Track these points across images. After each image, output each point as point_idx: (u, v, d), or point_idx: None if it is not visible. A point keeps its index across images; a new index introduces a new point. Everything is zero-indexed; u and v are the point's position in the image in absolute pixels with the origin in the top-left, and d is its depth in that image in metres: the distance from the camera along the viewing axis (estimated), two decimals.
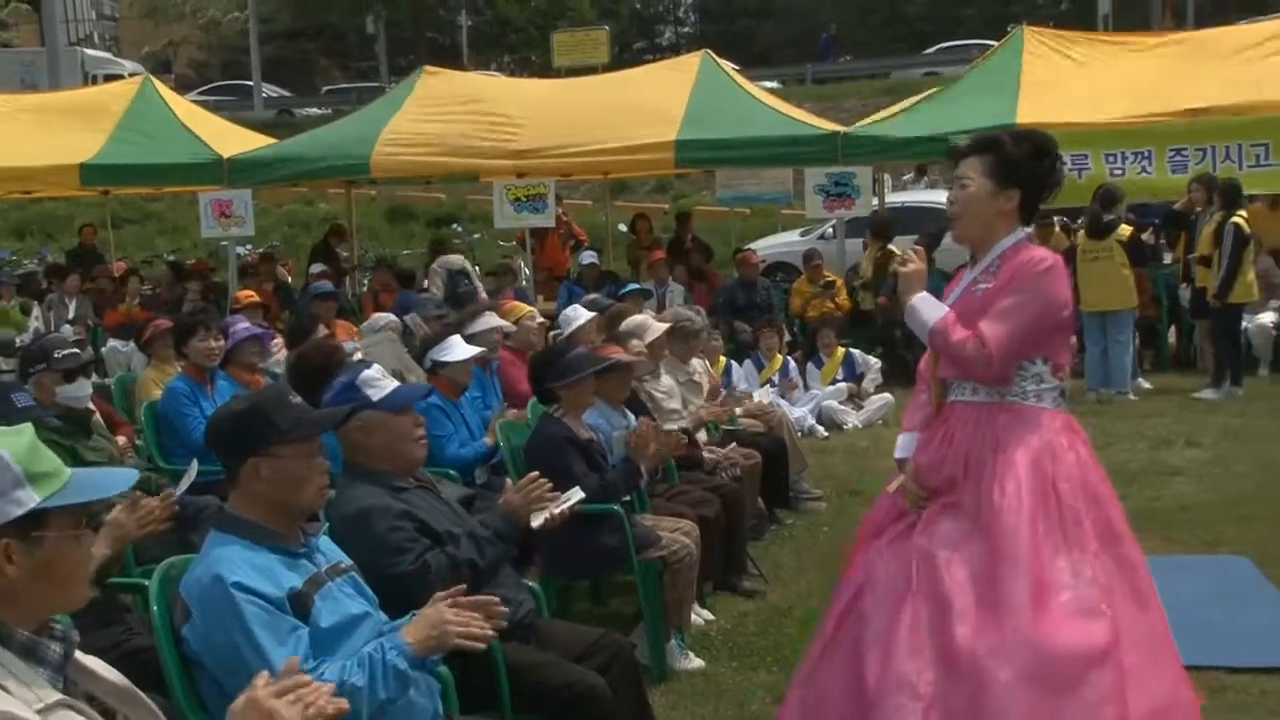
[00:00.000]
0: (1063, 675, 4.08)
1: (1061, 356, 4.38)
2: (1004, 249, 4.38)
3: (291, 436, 3.84)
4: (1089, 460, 4.34)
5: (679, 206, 24.42)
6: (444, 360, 7.63)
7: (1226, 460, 10.21)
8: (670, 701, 5.75)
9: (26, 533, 2.71)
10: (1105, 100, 15.09)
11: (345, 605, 3.87)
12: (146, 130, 18.54)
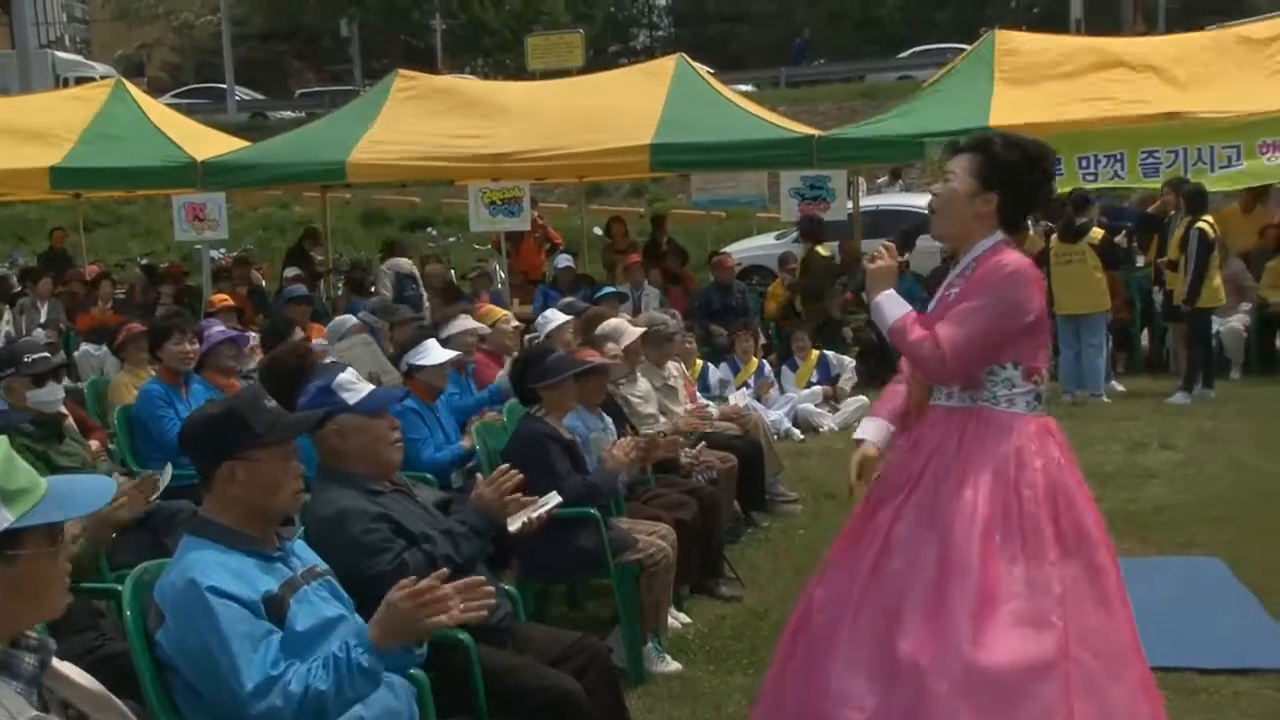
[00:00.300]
0: (1002, 688, 4.05)
1: (1036, 360, 4.34)
2: (979, 252, 4.37)
3: (267, 440, 3.83)
4: (1063, 464, 4.30)
5: (654, 210, 24.45)
6: (420, 364, 7.63)
7: (1199, 462, 10.22)
8: (647, 705, 5.75)
9: (1, 551, 2.67)
10: (1077, 103, 15.15)
11: (321, 609, 3.86)
12: (118, 133, 18.47)
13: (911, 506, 4.33)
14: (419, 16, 49.67)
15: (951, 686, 4.06)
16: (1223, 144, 14.39)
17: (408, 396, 7.05)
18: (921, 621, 4.18)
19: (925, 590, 4.20)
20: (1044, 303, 4.39)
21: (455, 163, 17.17)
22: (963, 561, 4.16)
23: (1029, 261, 4.39)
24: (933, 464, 4.34)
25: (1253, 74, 15.61)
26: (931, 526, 4.25)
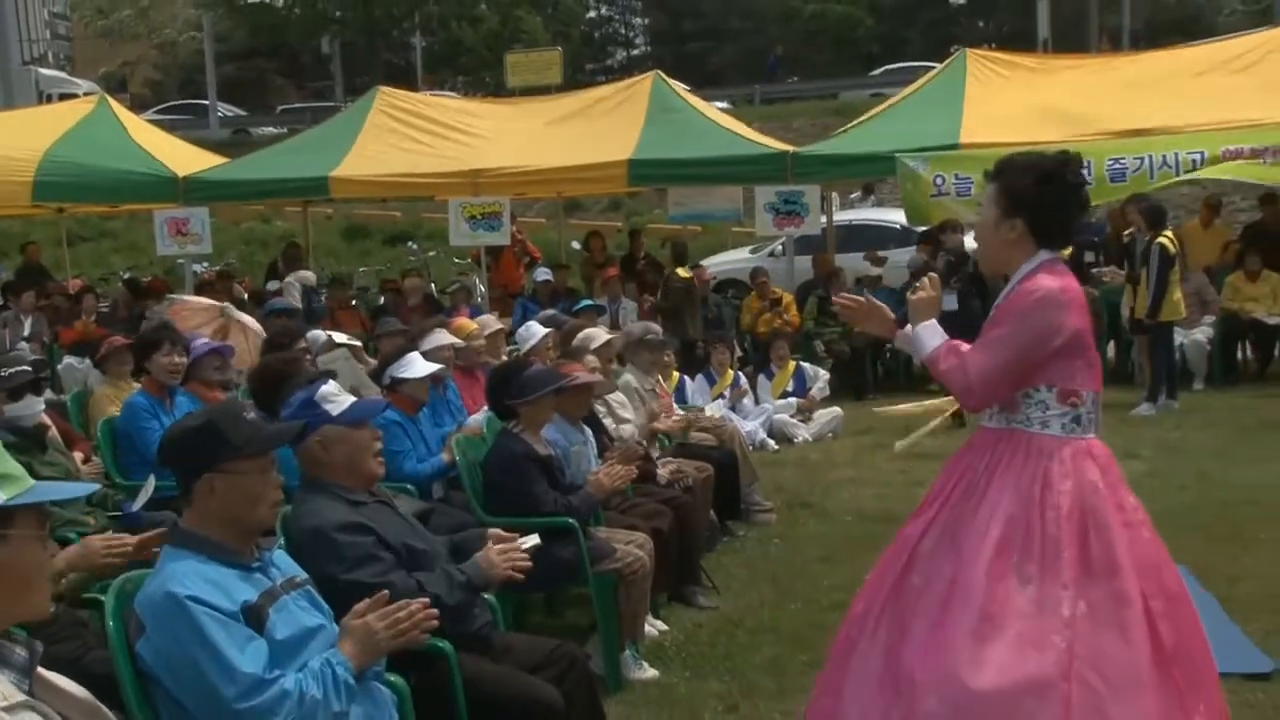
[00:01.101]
0: (992, 708, 4.02)
1: (1072, 382, 4.26)
2: (1019, 277, 4.34)
3: (246, 452, 3.82)
4: (1100, 487, 4.23)
5: (632, 224, 24.49)
6: (403, 377, 7.62)
7: (1164, 473, 10.19)
8: (625, 711, 5.75)
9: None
10: (1046, 120, 15.18)
11: (300, 618, 3.86)
12: (100, 148, 18.42)
13: (938, 524, 4.35)
14: (399, 35, 49.77)
15: (940, 703, 4.07)
16: (1186, 151, 14.37)
17: (389, 408, 7.08)
18: (925, 637, 4.19)
19: (935, 606, 4.22)
20: (1082, 323, 4.30)
21: (436, 178, 17.15)
22: (969, 580, 4.15)
23: (1062, 285, 4.27)
24: (963, 482, 4.35)
25: (1215, 91, 15.64)
26: (952, 544, 4.27)
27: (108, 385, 9.59)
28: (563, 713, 4.46)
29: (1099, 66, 18.91)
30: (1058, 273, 4.32)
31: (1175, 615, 4.22)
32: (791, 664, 6.52)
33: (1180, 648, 4.18)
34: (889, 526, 9.02)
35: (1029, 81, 16.78)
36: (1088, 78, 17.15)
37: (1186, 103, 15.37)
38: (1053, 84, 16.72)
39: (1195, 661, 4.26)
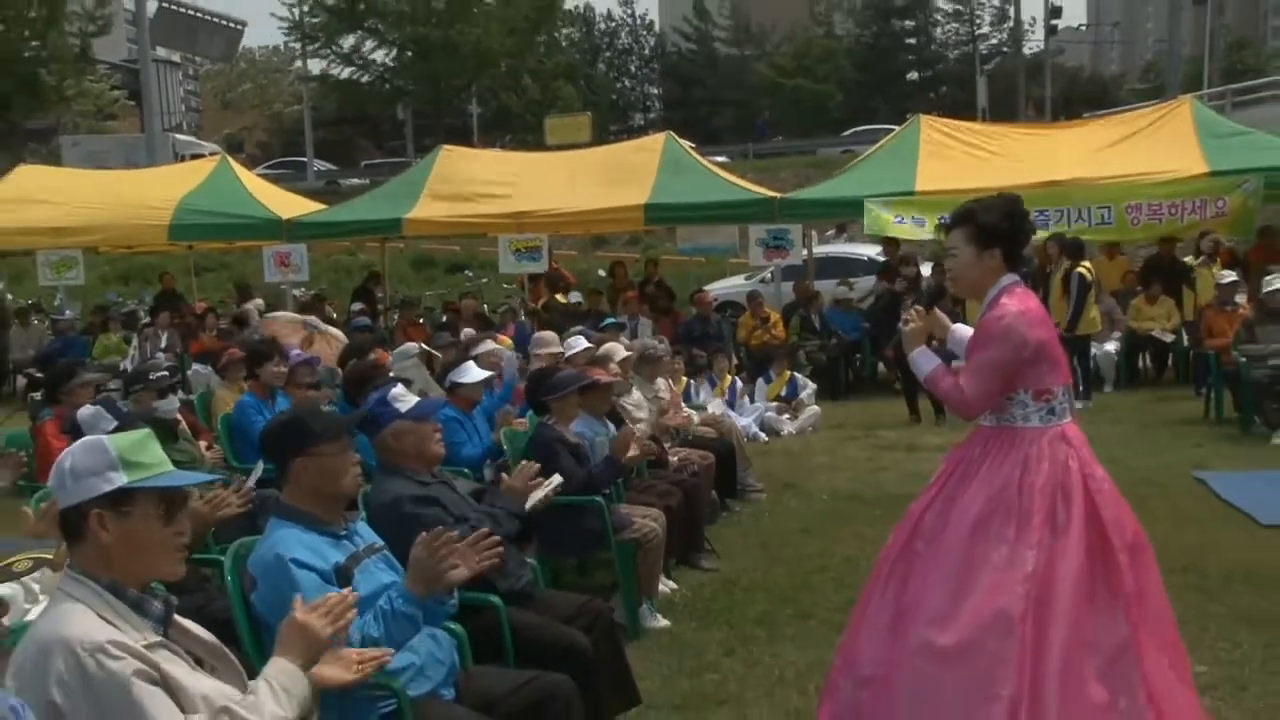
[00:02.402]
0: (961, 643, 4.06)
1: (1043, 383, 4.27)
2: (990, 299, 4.35)
3: (325, 438, 3.86)
4: (1070, 466, 4.24)
5: (648, 255, 24.42)
6: (460, 381, 7.63)
7: None
8: (642, 654, 5.72)
9: (117, 507, 2.79)
10: (984, 173, 15.11)
11: (378, 576, 3.87)
12: (221, 198, 18.54)
13: (937, 501, 4.36)
14: (458, 103, 49.83)
15: (919, 640, 4.13)
16: (1096, 205, 14.50)
17: (447, 406, 7.11)
18: (919, 591, 4.24)
19: (930, 567, 4.25)
20: (1043, 334, 4.30)
21: (488, 219, 17.12)
22: (950, 546, 4.21)
23: (1023, 307, 4.28)
24: (959, 469, 4.37)
25: (1119, 151, 15.64)
26: (946, 516, 4.29)
27: (225, 388, 9.67)
28: (591, 655, 4.44)
29: (1027, 131, 18.99)
30: (1019, 295, 4.34)
31: (1136, 564, 4.22)
32: (779, 615, 6.50)
33: (1138, 589, 4.20)
34: (857, 504, 9.11)
35: (970, 142, 16.70)
36: (1018, 140, 17.12)
37: (1097, 160, 15.36)
38: (990, 144, 16.65)
39: (1152, 597, 4.28)
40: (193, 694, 2.79)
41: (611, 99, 67.26)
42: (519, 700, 3.84)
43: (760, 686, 5.47)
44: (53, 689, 2.62)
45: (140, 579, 2.86)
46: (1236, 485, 9.03)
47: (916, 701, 4.12)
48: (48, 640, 2.68)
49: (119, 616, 2.76)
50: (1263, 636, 5.78)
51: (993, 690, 3.98)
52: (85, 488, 2.79)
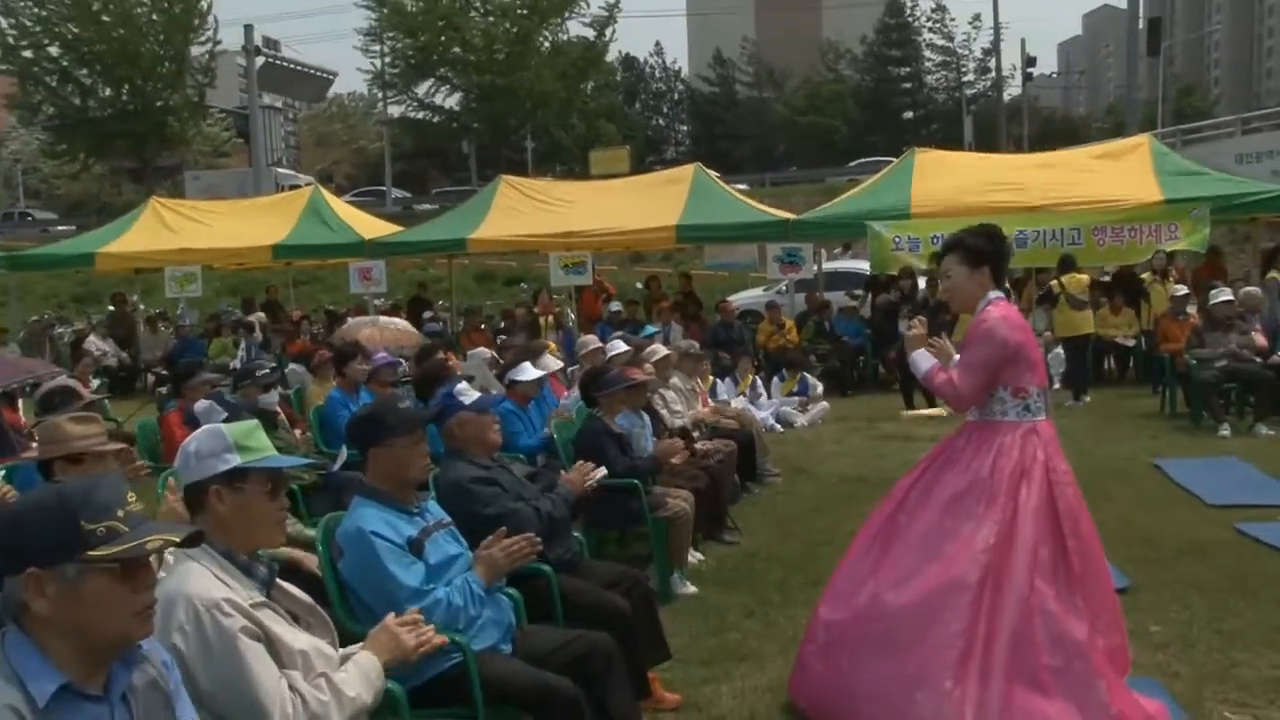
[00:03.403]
0: (927, 596, 4.13)
1: (1020, 381, 4.30)
2: (978, 311, 4.39)
3: (399, 431, 3.87)
4: (1038, 458, 4.26)
5: (679, 270, 24.36)
6: (518, 379, 7.63)
7: None
8: (673, 615, 5.70)
9: (232, 484, 2.88)
10: (970, 198, 15.03)
11: (446, 548, 3.90)
12: (316, 221, 18.69)
13: (922, 481, 4.41)
14: (516, 139, 49.95)
15: (893, 593, 4.21)
16: (1068, 227, 14.42)
17: (506, 400, 7.13)
18: (897, 555, 4.30)
19: (909, 535, 4.30)
20: (1022, 338, 4.33)
21: (540, 238, 17.13)
22: (928, 517, 4.27)
23: (1004, 314, 4.34)
24: (944, 454, 4.42)
25: (1086, 179, 15.55)
26: (927, 494, 4.34)
27: (317, 384, 9.73)
28: (629, 616, 4.42)
29: (1006, 161, 18.97)
30: (1001, 305, 4.40)
31: (1083, 550, 4.22)
32: (792, 582, 6.47)
33: (1085, 571, 4.21)
34: (861, 486, 9.05)
35: (958, 171, 16.64)
36: (999, 169, 17.07)
37: (1067, 187, 15.25)
38: (974, 173, 16.59)
39: (1097, 580, 4.31)
40: (291, 649, 2.86)
41: (647, 135, 67.27)
42: (567, 655, 3.84)
43: (776, 644, 5.45)
44: (174, 635, 2.69)
45: (249, 546, 2.92)
46: (1188, 471, 9.00)
47: (881, 644, 4.17)
48: (173, 594, 2.73)
49: (231, 577, 2.83)
50: (1208, 600, 5.81)
51: (948, 643, 4.02)
52: (206, 467, 2.88)
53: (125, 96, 44.41)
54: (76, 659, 2.10)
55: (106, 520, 2.10)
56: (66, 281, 26.51)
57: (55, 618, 2.08)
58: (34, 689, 2.03)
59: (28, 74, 44.05)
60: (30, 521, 2.11)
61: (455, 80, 49.42)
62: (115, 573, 2.11)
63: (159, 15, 43.92)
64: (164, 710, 2.28)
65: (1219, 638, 5.25)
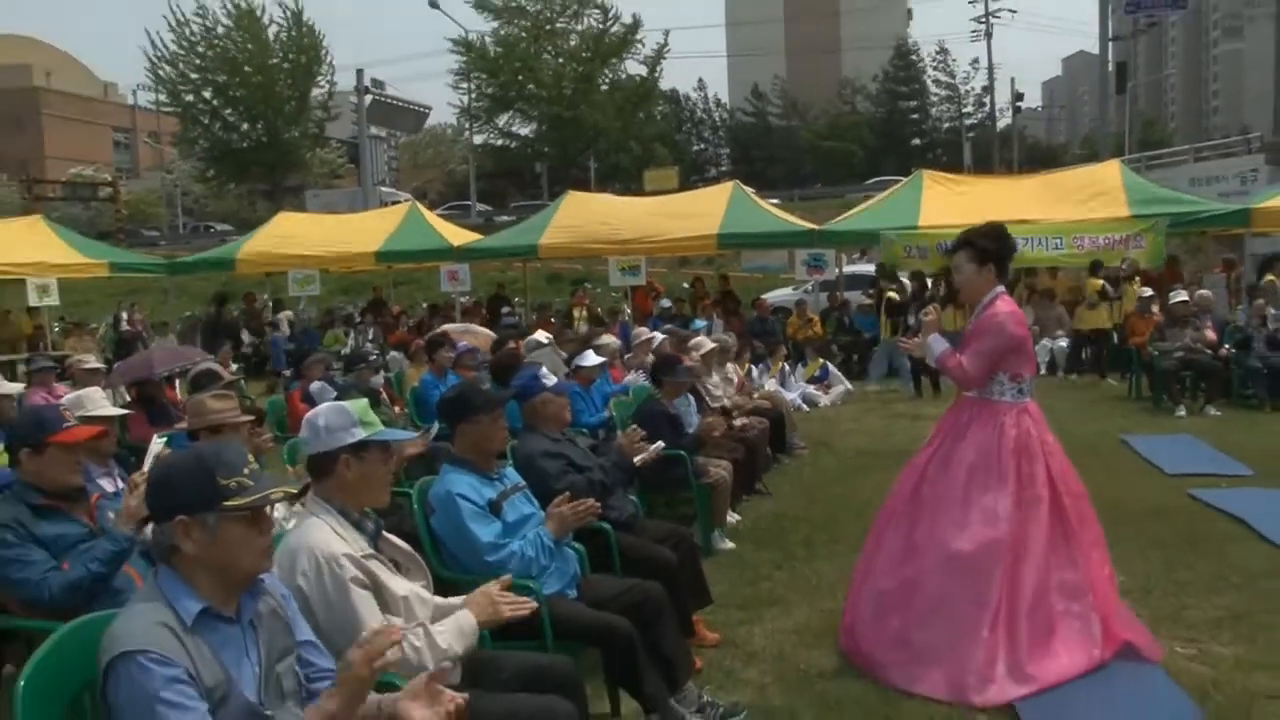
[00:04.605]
0: (965, 561, 4.09)
1: (1018, 368, 4.27)
2: (984, 303, 4.32)
3: (482, 410, 3.87)
4: (1032, 433, 4.23)
5: (720, 272, 24.19)
6: (582, 365, 7.61)
7: None
8: (714, 568, 5.66)
9: (358, 453, 2.92)
10: (969, 212, 14.80)
11: (521, 508, 3.91)
12: (412, 231, 18.79)
13: (938, 455, 4.35)
14: (581, 160, 49.94)
15: (935, 561, 4.15)
16: (1052, 235, 14.29)
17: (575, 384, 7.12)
18: (929, 524, 4.24)
19: (937, 504, 4.25)
20: (1021, 332, 4.27)
21: (601, 244, 17.06)
22: (949, 491, 4.21)
23: (1009, 310, 4.28)
24: (953, 430, 4.35)
25: (1067, 198, 15.35)
26: (945, 467, 4.28)
27: (413, 368, 9.77)
28: (677, 568, 4.40)
29: (1000, 181, 18.95)
30: (1007, 300, 4.33)
31: (1076, 507, 4.25)
32: (816, 540, 6.42)
33: (1081, 525, 4.23)
34: (875, 458, 8.96)
35: (959, 189, 16.47)
36: (994, 187, 17.01)
37: (1051, 204, 15.09)
38: (973, 191, 16.43)
39: (1091, 532, 4.31)
40: (395, 595, 2.89)
41: (693, 157, 66.98)
42: (624, 600, 3.82)
43: (802, 592, 5.42)
44: (298, 578, 2.75)
45: (362, 504, 2.95)
46: (1150, 446, 9.00)
47: (933, 604, 4.14)
48: (298, 544, 2.80)
49: (346, 531, 2.86)
50: (1165, 554, 5.83)
51: (985, 599, 4.04)
52: (335, 439, 2.91)
53: (260, 131, 45.99)
54: (215, 589, 2.23)
55: (236, 477, 2.23)
56: (213, 283, 26.94)
57: (200, 556, 2.21)
58: (181, 610, 2.17)
59: (188, 114, 45.94)
60: (177, 480, 2.24)
61: (529, 112, 49.71)
62: (246, 519, 2.23)
63: (289, 64, 45.37)
64: (284, 634, 2.38)
65: (1173, 585, 5.30)
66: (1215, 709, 3.82)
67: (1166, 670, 4.16)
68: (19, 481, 3.74)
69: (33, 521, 3.59)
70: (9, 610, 3.60)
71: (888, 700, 4.01)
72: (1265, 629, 4.62)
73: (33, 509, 3.63)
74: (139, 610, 2.16)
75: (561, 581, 3.82)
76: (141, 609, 2.17)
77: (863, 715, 3.93)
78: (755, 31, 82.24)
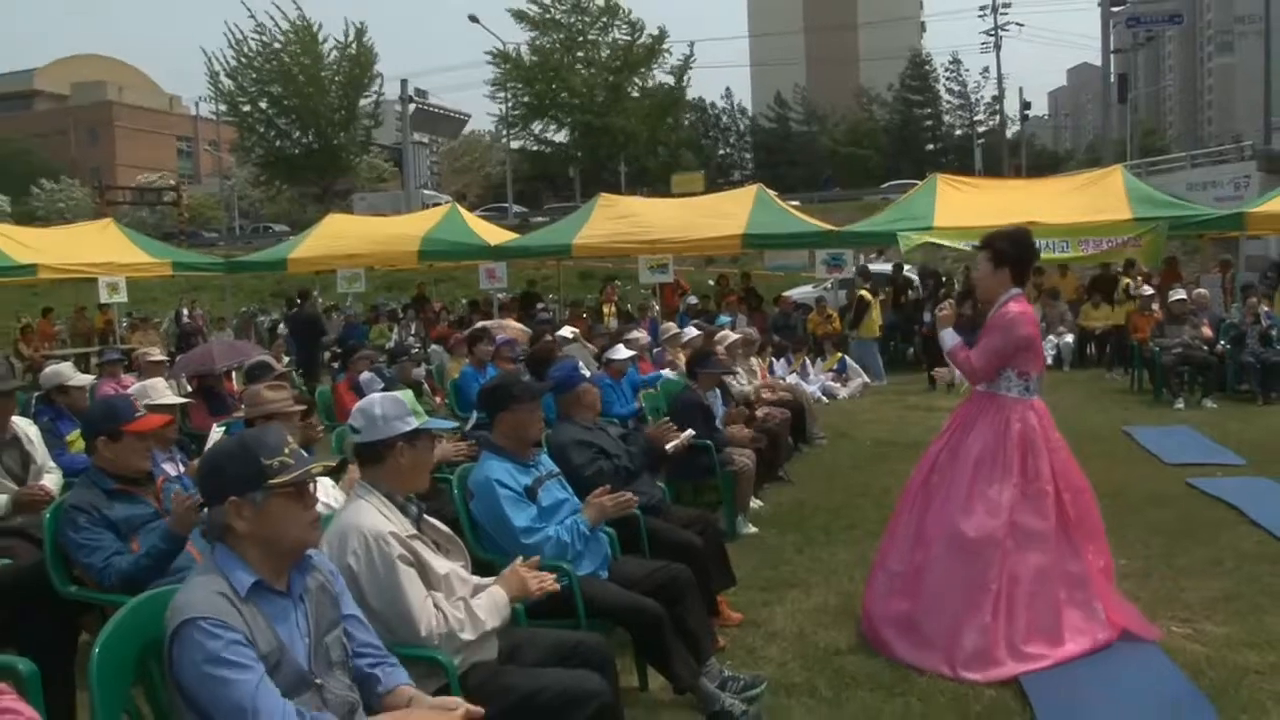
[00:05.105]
0: (968, 547, 4.08)
1: (1025, 366, 4.23)
2: (999, 304, 4.29)
3: (520, 400, 3.87)
4: (1036, 428, 4.20)
5: (743, 270, 24.04)
6: (613, 358, 7.61)
7: None
8: (737, 551, 5.63)
9: (411, 441, 2.95)
10: (980, 213, 14.65)
11: (555, 494, 3.91)
12: (451, 231, 18.85)
13: (949, 446, 4.34)
14: (612, 165, 49.85)
15: (943, 548, 4.15)
16: (1059, 238, 14.09)
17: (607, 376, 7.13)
18: (938, 511, 4.24)
19: (946, 492, 4.24)
20: (1030, 332, 4.23)
21: (632, 243, 16.96)
22: (958, 480, 4.21)
23: (1020, 310, 4.23)
24: (963, 421, 4.36)
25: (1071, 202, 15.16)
26: (954, 457, 4.28)
27: (453, 361, 9.80)
28: (702, 551, 4.39)
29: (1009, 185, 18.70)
30: (1020, 302, 4.29)
31: (1077, 501, 4.23)
32: (835, 526, 6.39)
33: (1080, 519, 4.21)
34: (891, 447, 8.90)
35: (971, 192, 16.27)
36: (1003, 191, 16.78)
37: (1057, 207, 14.88)
38: (984, 194, 16.19)
39: (1091, 527, 4.28)
40: (438, 573, 2.91)
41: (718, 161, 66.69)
42: (652, 580, 3.82)
43: (820, 574, 5.39)
44: (348, 557, 2.77)
45: (407, 489, 2.97)
46: (1150, 437, 8.97)
47: (938, 587, 4.14)
48: (348, 525, 2.82)
49: (391, 512, 2.88)
50: (1163, 539, 5.81)
51: (985, 584, 4.03)
52: (392, 427, 2.94)
53: (311, 138, 46.58)
54: (267, 563, 2.29)
55: (279, 456, 2.29)
56: (266, 281, 27.23)
57: (251, 532, 2.26)
58: (236, 583, 2.23)
59: (245, 124, 46.48)
60: (224, 465, 2.31)
61: (563, 120, 49.67)
62: (291, 494, 2.29)
63: (340, 76, 45.83)
64: (331, 608, 2.43)
65: (1171, 569, 5.27)
66: (1209, 684, 3.83)
67: (1164, 648, 4.17)
68: (92, 467, 3.81)
69: (106, 504, 3.67)
70: (85, 584, 3.67)
71: (903, 677, 4.00)
72: (1256, 610, 4.62)
73: (106, 493, 3.71)
74: (199, 583, 2.23)
75: (594, 563, 3.83)
76: (201, 581, 2.23)
77: (878, 691, 3.92)
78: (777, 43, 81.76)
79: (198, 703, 2.11)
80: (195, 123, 65.74)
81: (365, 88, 47.17)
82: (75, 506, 3.63)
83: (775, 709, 3.80)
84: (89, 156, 65.36)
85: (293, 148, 46.93)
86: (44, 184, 53.76)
